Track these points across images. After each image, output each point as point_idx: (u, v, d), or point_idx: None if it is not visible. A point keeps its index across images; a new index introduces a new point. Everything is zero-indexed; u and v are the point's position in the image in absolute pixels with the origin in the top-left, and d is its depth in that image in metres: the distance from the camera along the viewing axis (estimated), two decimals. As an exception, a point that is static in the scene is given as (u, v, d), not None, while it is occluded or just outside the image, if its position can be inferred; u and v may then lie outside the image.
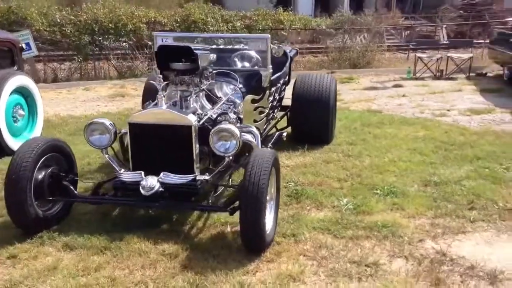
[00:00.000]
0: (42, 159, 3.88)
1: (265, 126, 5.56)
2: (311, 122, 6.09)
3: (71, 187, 4.02)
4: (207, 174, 4.10)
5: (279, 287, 3.25)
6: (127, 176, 4.01)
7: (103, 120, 4.16)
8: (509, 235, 3.96)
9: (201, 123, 4.17)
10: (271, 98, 5.53)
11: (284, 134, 5.65)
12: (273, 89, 5.56)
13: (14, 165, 3.74)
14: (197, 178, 3.98)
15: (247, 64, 5.58)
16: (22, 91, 6.06)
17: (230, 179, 4.51)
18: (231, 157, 4.07)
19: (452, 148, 6.18)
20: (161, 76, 5.23)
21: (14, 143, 5.85)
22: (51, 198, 3.94)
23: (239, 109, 4.86)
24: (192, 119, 4.06)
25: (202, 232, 4.03)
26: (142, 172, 3.94)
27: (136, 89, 11.13)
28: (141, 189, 3.82)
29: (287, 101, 6.46)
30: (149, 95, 6.38)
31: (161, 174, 3.91)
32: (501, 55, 11.55)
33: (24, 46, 6.47)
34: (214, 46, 5.50)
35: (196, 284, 3.26)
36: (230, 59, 5.52)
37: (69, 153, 4.22)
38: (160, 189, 3.83)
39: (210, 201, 3.97)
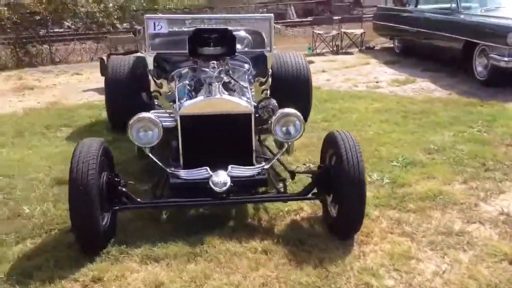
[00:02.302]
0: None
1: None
2: (294, 101, 5.99)
3: (129, 193, 3.51)
4: (263, 162, 3.89)
5: (402, 267, 3.22)
6: (190, 174, 3.61)
7: (149, 115, 3.68)
8: (540, 190, 4.38)
9: None
10: (270, 80, 5.35)
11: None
12: (271, 70, 5.39)
13: (79, 173, 3.16)
14: (262, 167, 3.76)
15: (238, 46, 5.31)
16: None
17: None
18: (289, 143, 3.90)
19: (417, 117, 6.60)
20: (153, 70, 4.81)
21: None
22: (117, 207, 3.41)
23: (252, 93, 4.65)
24: (250, 106, 3.80)
25: (274, 224, 3.80)
26: (207, 168, 3.59)
27: (39, 80, 9.99)
28: (212, 186, 3.48)
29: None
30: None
31: (229, 168, 3.61)
32: (391, 29, 12.49)
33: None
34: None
35: (325, 276, 3.10)
36: None
37: (112, 156, 3.67)
38: (231, 183, 3.54)
39: (285, 190, 3.76)
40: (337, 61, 11.58)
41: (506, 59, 7.77)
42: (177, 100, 4.06)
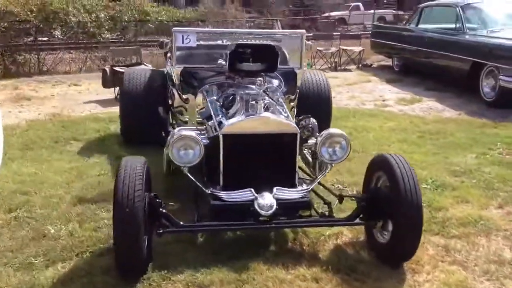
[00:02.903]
0: (143, 184, 3.12)
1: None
2: (315, 119, 5.87)
3: (171, 215, 3.29)
4: (303, 184, 3.73)
5: (462, 298, 3.08)
6: (233, 195, 3.42)
7: (190, 132, 3.50)
8: None
9: None
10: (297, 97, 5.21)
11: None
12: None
13: (125, 194, 2.93)
14: (307, 190, 3.60)
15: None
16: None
17: None
18: (333, 164, 3.75)
19: (434, 137, 6.53)
20: (178, 85, 4.62)
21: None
22: (161, 230, 3.18)
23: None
24: (296, 126, 3.65)
25: (318, 249, 3.62)
26: (252, 189, 3.40)
27: (36, 90, 9.68)
28: (258, 208, 3.30)
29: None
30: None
31: (275, 190, 3.43)
32: (390, 48, 12.49)
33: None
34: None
35: (387, 309, 2.94)
36: None
37: (150, 174, 3.45)
38: (276, 206, 3.35)
39: (331, 214, 3.58)
40: (338, 78, 11.50)
41: (516, 81, 7.78)
42: (214, 117, 3.88)
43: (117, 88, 8.82)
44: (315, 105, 5.73)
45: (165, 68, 6.07)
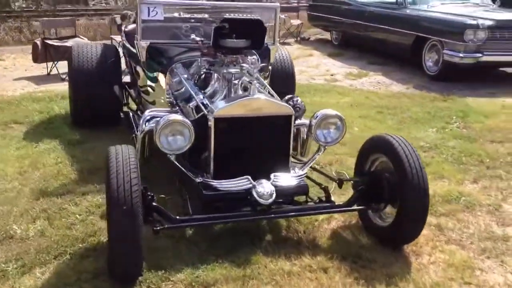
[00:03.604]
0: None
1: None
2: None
3: (164, 209, 2.98)
4: (296, 168, 3.54)
5: (471, 280, 3.04)
6: (228, 184, 3.16)
7: (177, 116, 3.18)
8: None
9: None
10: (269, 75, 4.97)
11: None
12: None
13: (121, 189, 2.58)
14: (303, 174, 3.42)
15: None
16: None
17: None
18: (326, 147, 3.60)
19: (392, 112, 6.54)
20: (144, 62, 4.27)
21: None
22: (158, 227, 2.86)
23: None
24: (291, 108, 3.43)
25: (315, 236, 3.45)
26: (249, 177, 3.17)
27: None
28: (257, 197, 3.08)
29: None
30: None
31: (272, 176, 3.22)
32: (328, 21, 12.46)
33: None
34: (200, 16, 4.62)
35: (404, 295, 2.85)
36: None
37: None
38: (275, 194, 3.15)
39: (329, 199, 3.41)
40: (280, 52, 11.32)
41: (461, 55, 7.96)
42: (196, 98, 3.55)
43: (50, 64, 8.20)
44: (280, 82, 5.53)
45: (117, 42, 5.60)
